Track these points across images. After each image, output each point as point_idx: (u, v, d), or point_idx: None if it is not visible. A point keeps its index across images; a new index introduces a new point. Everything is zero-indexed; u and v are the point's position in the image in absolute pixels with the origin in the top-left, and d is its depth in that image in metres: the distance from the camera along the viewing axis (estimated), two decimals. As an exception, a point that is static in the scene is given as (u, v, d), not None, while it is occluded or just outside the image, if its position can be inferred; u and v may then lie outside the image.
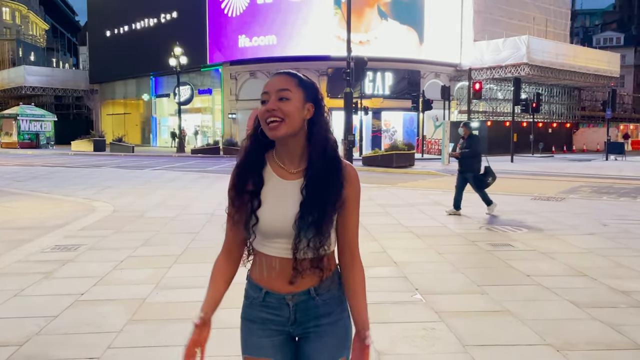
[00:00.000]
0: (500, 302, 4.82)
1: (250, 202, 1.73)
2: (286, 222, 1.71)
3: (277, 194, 1.74)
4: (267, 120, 1.69)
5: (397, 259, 6.39)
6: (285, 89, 1.71)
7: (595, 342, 3.93)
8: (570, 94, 45.50)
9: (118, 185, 14.96)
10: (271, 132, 1.70)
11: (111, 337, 4.00)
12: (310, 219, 1.69)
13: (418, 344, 3.91)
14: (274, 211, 1.72)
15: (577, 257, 6.56)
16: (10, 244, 7.16)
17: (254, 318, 1.81)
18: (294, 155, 1.77)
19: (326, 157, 1.75)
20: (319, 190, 1.71)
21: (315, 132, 1.75)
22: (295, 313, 1.78)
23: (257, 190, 1.74)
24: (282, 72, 1.79)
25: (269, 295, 1.78)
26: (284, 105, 1.69)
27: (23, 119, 42.63)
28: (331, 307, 1.81)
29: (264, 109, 1.70)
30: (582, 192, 13.94)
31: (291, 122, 1.70)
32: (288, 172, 1.76)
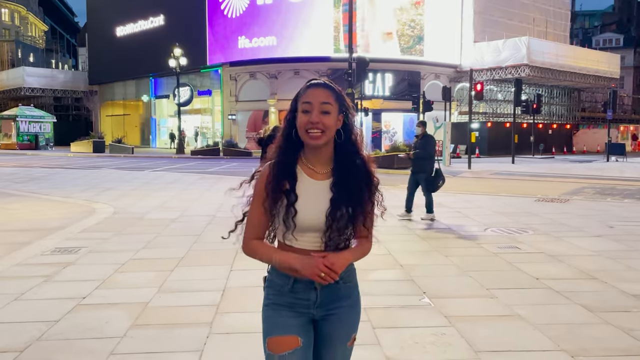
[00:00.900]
0: (510, 306, 4.72)
1: (287, 197, 1.92)
2: (318, 217, 1.92)
3: (309, 192, 1.94)
4: (308, 131, 1.90)
5: (403, 262, 6.30)
6: (328, 102, 1.92)
7: (610, 348, 3.84)
8: (570, 95, 45.46)
9: (118, 186, 14.86)
10: (312, 141, 1.91)
11: (114, 342, 3.90)
12: (339, 214, 1.92)
13: (429, 350, 3.82)
14: (307, 207, 1.92)
15: (586, 259, 6.47)
16: (10, 247, 7.05)
17: (283, 303, 1.99)
18: (324, 159, 1.98)
19: (351, 159, 1.99)
20: (347, 187, 1.94)
21: (344, 139, 1.98)
22: (321, 295, 1.99)
23: (292, 187, 1.93)
24: (321, 83, 1.97)
25: (298, 282, 1.96)
26: (325, 119, 1.90)
27: (22, 120, 42.49)
28: (351, 289, 2.06)
29: (307, 119, 1.90)
30: (585, 193, 13.86)
31: (329, 134, 1.93)
32: (317, 172, 1.98)
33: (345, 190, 1.94)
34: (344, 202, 1.93)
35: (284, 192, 1.93)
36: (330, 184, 1.95)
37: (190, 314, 4.51)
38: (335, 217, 1.92)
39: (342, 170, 1.97)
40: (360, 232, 2.04)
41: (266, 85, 37.19)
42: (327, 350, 2.07)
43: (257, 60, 36.45)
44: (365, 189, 2.00)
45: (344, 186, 1.94)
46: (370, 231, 2.09)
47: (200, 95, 42.42)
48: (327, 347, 2.07)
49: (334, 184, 1.95)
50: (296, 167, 1.98)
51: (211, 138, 40.57)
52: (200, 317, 4.41)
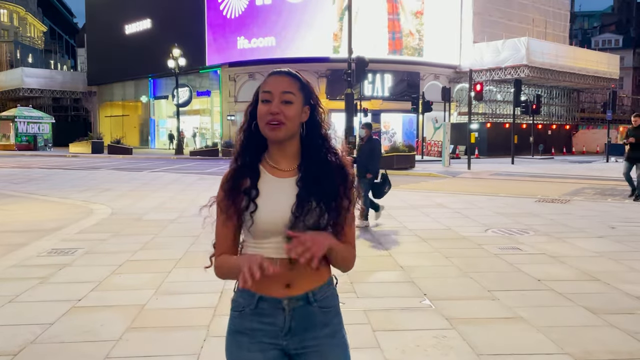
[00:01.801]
0: (512, 308, 4.65)
1: (248, 198, 1.70)
2: (283, 217, 1.67)
3: (273, 191, 1.71)
4: (268, 122, 1.69)
5: (403, 263, 6.23)
6: (290, 92, 1.72)
7: (615, 351, 3.77)
8: (569, 95, 45.43)
9: (116, 187, 14.79)
10: (271, 133, 1.70)
11: (109, 345, 3.82)
12: (307, 209, 1.67)
13: (430, 353, 3.75)
14: (271, 208, 1.69)
15: (588, 261, 6.40)
16: (6, 248, 6.98)
17: (244, 330, 1.71)
18: (288, 155, 1.76)
19: (321, 154, 1.76)
20: (315, 181, 1.71)
21: (309, 134, 1.77)
22: (290, 320, 1.69)
23: (253, 182, 1.72)
24: (284, 71, 1.78)
25: (263, 301, 1.69)
26: (287, 109, 1.69)
27: (21, 121, 42.40)
28: (329, 317, 1.75)
29: (266, 110, 1.69)
30: (586, 194, 13.80)
31: (291, 126, 1.71)
32: (281, 170, 1.75)
33: (313, 184, 1.70)
34: (313, 195, 1.68)
35: (244, 191, 1.71)
36: (297, 180, 1.72)
37: (188, 316, 4.44)
38: (302, 212, 1.66)
39: (310, 165, 1.74)
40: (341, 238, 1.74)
41: (265, 86, 37.12)
42: None
43: (256, 61, 36.38)
44: (339, 184, 1.73)
45: (312, 180, 1.70)
46: (351, 238, 1.78)
47: (199, 96, 42.36)
48: None
49: (301, 179, 1.71)
50: (258, 166, 1.76)
51: (210, 139, 40.49)
52: (198, 319, 4.33)
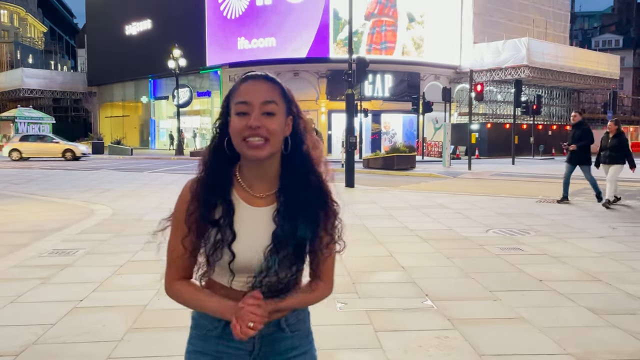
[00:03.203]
0: (514, 309, 4.65)
1: (221, 233, 1.46)
2: (257, 256, 1.47)
3: (246, 225, 1.48)
4: (246, 139, 1.42)
5: (405, 264, 6.22)
6: (272, 101, 1.44)
7: (617, 352, 3.76)
8: (569, 96, 45.44)
9: (117, 188, 14.78)
10: (251, 152, 1.42)
11: (111, 346, 3.82)
12: (284, 253, 1.46)
13: (432, 353, 3.74)
14: (243, 245, 1.46)
15: (590, 261, 6.39)
16: (7, 248, 6.97)
17: (208, 351, 1.56)
18: (267, 177, 1.50)
19: (303, 177, 1.50)
20: (295, 217, 1.47)
21: (292, 152, 1.50)
22: (260, 346, 1.56)
23: (229, 220, 1.47)
24: (260, 75, 1.49)
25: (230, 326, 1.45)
26: (269, 122, 1.43)
27: (21, 121, 42.39)
28: (299, 339, 1.62)
29: (244, 124, 1.41)
30: (586, 194, 13.77)
31: (275, 143, 1.44)
32: (255, 196, 1.50)
33: (293, 222, 1.46)
34: (291, 236, 1.46)
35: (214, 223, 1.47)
36: (274, 213, 1.48)
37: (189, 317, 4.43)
38: (277, 256, 1.46)
39: (290, 193, 1.49)
40: (316, 272, 1.59)
41: (265, 86, 37.13)
42: None
43: (256, 61, 36.34)
44: (321, 218, 1.52)
45: (292, 215, 1.47)
46: (326, 276, 1.60)
47: (200, 97, 42.37)
48: None
49: (279, 213, 1.47)
50: (231, 192, 1.49)
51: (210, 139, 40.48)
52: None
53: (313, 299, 1.61)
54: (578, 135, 11.44)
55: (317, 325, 1.82)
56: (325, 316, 4.40)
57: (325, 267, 1.59)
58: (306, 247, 1.52)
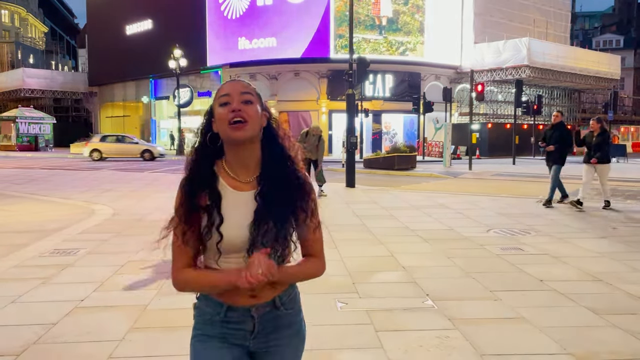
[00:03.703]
0: (515, 309, 4.65)
1: (210, 217, 1.67)
2: (243, 235, 1.67)
3: (233, 207, 1.69)
4: (232, 121, 1.67)
5: (406, 264, 6.23)
6: (248, 92, 1.72)
7: (618, 352, 3.77)
8: (570, 96, 45.41)
9: (117, 188, 14.79)
10: (236, 132, 1.67)
11: (112, 346, 3.82)
12: (265, 228, 1.67)
13: (433, 353, 3.75)
14: (231, 226, 1.67)
15: (590, 261, 6.39)
16: (8, 248, 6.98)
17: (213, 334, 1.75)
18: (249, 163, 1.74)
19: (280, 162, 1.75)
20: (274, 196, 1.69)
21: (270, 138, 1.76)
22: (259, 325, 1.75)
23: (216, 204, 1.68)
24: (235, 79, 1.81)
25: (232, 310, 1.73)
26: (248, 108, 1.69)
27: (22, 121, 42.43)
28: (292, 317, 1.81)
29: (227, 109, 1.68)
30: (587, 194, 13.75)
31: (253, 125, 1.69)
32: (241, 182, 1.73)
33: (271, 200, 1.68)
34: (270, 212, 1.67)
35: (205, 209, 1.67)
36: (255, 194, 1.70)
37: (190, 316, 4.43)
38: (259, 231, 1.66)
39: (269, 176, 1.72)
40: (307, 249, 1.79)
41: (266, 86, 37.12)
42: None
43: (257, 61, 36.39)
44: (297, 198, 1.73)
45: (271, 195, 1.69)
46: (316, 250, 1.80)
47: (200, 97, 42.33)
48: None
49: (259, 194, 1.69)
50: (217, 180, 1.71)
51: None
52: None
53: (308, 271, 1.79)
54: (557, 136, 11.15)
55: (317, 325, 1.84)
56: (326, 316, 4.40)
57: (313, 244, 1.80)
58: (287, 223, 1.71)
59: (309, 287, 2.20)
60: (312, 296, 4.47)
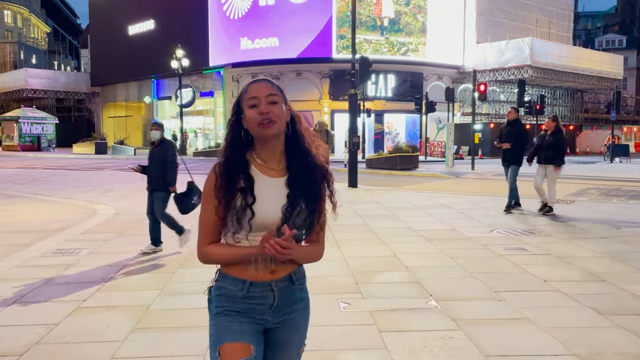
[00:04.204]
0: (519, 309, 4.63)
1: (244, 198, 1.87)
2: (275, 215, 1.87)
3: (265, 190, 1.90)
4: (260, 122, 1.87)
5: (409, 264, 6.20)
6: (274, 94, 1.91)
7: (623, 352, 3.74)
8: (573, 96, 45.32)
9: (120, 188, 14.79)
10: (264, 130, 1.88)
11: (115, 346, 3.81)
12: (298, 209, 1.89)
13: (437, 354, 3.73)
14: (264, 206, 1.87)
15: (594, 261, 6.37)
16: (10, 248, 6.98)
17: (236, 309, 1.91)
18: (275, 153, 1.95)
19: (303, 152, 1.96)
20: (303, 182, 1.92)
21: (294, 131, 1.96)
22: (278, 299, 1.94)
23: (250, 187, 1.88)
24: (261, 79, 1.96)
25: (254, 286, 1.91)
26: (274, 108, 1.89)
27: (24, 121, 42.50)
28: (303, 292, 2.03)
29: (257, 112, 1.87)
30: (590, 194, 13.74)
31: (281, 123, 1.90)
32: (271, 169, 1.94)
33: (301, 186, 1.91)
34: (301, 197, 1.91)
35: (240, 190, 1.88)
36: (286, 181, 1.93)
37: (193, 316, 4.43)
38: (293, 213, 1.89)
39: (296, 165, 1.95)
40: (313, 235, 2.00)
41: (268, 86, 37.14)
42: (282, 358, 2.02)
43: (259, 61, 36.38)
44: (322, 183, 1.97)
45: (301, 181, 1.92)
46: (322, 238, 2.04)
47: (203, 97, 42.37)
48: (282, 355, 2.01)
49: (290, 180, 1.93)
50: (249, 166, 1.93)
51: (213, 139, 40.53)
52: (203, 319, 4.27)
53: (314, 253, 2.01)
54: (513, 134, 10.36)
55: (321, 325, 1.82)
56: (330, 316, 4.38)
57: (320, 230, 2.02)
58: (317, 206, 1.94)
59: (312, 287, 2.19)
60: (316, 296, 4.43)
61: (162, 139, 7.15)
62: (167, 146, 7.11)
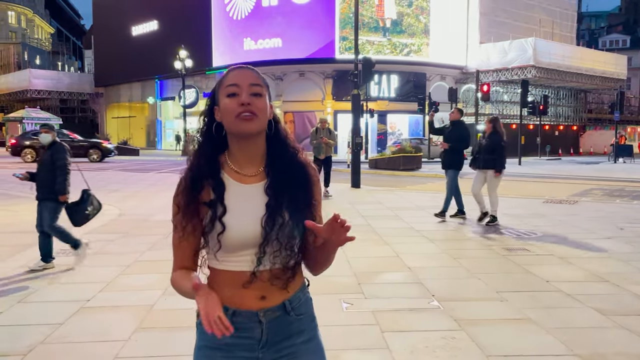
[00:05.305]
0: (521, 310, 4.63)
1: (213, 209, 1.55)
2: (255, 229, 1.54)
3: (239, 201, 1.57)
4: (240, 115, 1.55)
5: (411, 264, 6.21)
6: (258, 84, 1.59)
7: (625, 353, 3.75)
8: (576, 96, 45.24)
9: (123, 188, 14.84)
10: (244, 125, 1.55)
11: (118, 346, 3.83)
12: (281, 221, 1.55)
13: (439, 354, 3.74)
14: (239, 220, 1.54)
15: (597, 262, 6.37)
16: (14, 249, 7.01)
17: (217, 345, 1.58)
18: (254, 156, 1.62)
19: (288, 155, 1.65)
20: (285, 188, 1.59)
21: (276, 131, 1.65)
22: (267, 332, 1.59)
23: (219, 195, 1.56)
24: (245, 66, 1.64)
25: (238, 315, 1.57)
26: (257, 101, 1.57)
27: (28, 122, 42.53)
28: (304, 323, 1.67)
29: (236, 102, 1.55)
30: (593, 195, 13.73)
31: (263, 119, 1.59)
32: (246, 175, 1.61)
33: (284, 192, 1.58)
34: (283, 204, 1.57)
35: (207, 203, 1.56)
36: (265, 186, 1.59)
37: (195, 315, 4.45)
38: (274, 226, 1.54)
39: (277, 167, 1.62)
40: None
41: (271, 87, 36.94)
42: None
43: (262, 62, 36.39)
44: (307, 187, 1.64)
45: (282, 186, 1.59)
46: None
47: (206, 97, 41.73)
48: None
49: (270, 186, 1.59)
50: (220, 171, 1.60)
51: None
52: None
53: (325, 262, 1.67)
54: (453, 136, 9.63)
55: (323, 325, 1.82)
56: (332, 316, 4.40)
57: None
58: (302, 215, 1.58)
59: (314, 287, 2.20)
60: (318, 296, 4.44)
61: (54, 141, 6.32)
62: (57, 149, 6.25)
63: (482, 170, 9.30)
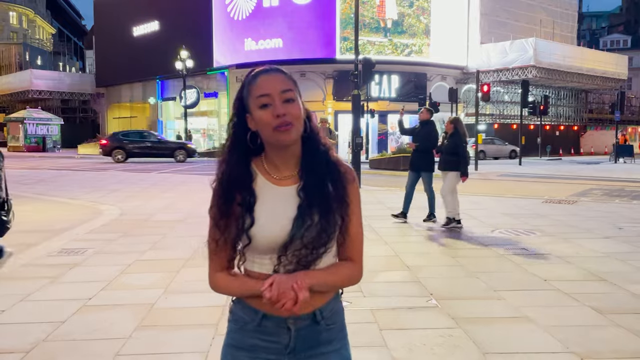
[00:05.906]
0: (519, 308, 4.67)
1: (243, 218, 1.55)
2: (284, 229, 1.54)
3: (274, 204, 1.57)
4: (277, 126, 1.52)
5: (410, 263, 6.26)
6: (289, 89, 1.55)
7: (620, 350, 3.79)
8: (577, 96, 45.26)
9: (125, 188, 14.89)
10: (283, 137, 1.53)
11: (119, 343, 3.88)
12: (309, 222, 1.53)
13: (437, 351, 3.78)
14: (272, 222, 1.55)
15: (595, 261, 6.40)
16: (17, 248, 7.05)
17: (243, 345, 1.60)
18: (291, 159, 1.60)
19: (321, 155, 1.61)
20: (318, 189, 1.56)
21: (310, 131, 1.61)
22: (295, 339, 1.58)
23: (248, 206, 1.56)
24: (272, 69, 1.60)
25: (267, 319, 1.57)
26: (291, 108, 1.53)
27: (30, 122, 42.73)
28: (334, 333, 1.66)
29: (271, 114, 1.52)
30: (593, 195, 13.76)
31: (299, 126, 1.55)
32: (282, 178, 1.60)
33: (316, 193, 1.56)
34: (315, 206, 1.55)
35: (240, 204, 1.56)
36: (298, 188, 1.58)
37: (196, 315, 4.49)
38: (303, 225, 1.53)
39: (312, 170, 1.59)
40: (343, 253, 1.64)
41: (272, 87, 37.20)
42: None
43: (263, 62, 35.83)
44: (342, 190, 1.60)
45: (315, 189, 1.57)
46: (355, 253, 1.64)
47: (207, 98, 42.48)
48: None
49: (303, 188, 1.57)
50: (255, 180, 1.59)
51: (217, 140, 40.64)
52: (206, 318, 4.38)
53: (342, 277, 1.64)
54: (422, 136, 9.37)
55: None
56: (331, 315, 4.44)
57: (353, 243, 1.64)
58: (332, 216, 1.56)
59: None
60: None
61: None
62: None
63: (444, 172, 9.03)
